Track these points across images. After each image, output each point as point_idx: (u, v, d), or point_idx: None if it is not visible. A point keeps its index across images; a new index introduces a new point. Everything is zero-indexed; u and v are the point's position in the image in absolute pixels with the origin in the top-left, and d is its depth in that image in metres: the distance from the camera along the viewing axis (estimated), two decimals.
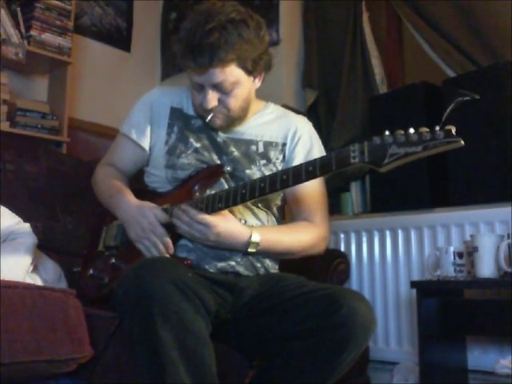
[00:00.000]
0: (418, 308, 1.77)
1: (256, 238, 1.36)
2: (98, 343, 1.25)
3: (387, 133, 1.15)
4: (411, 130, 1.12)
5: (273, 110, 1.57)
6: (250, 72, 1.39)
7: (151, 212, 1.37)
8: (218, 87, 1.36)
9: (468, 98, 1.23)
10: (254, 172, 1.45)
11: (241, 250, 1.37)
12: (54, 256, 1.68)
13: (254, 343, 1.37)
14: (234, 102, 1.41)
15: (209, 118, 1.42)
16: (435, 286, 1.81)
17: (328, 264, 1.98)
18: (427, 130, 1.11)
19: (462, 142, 1.08)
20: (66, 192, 1.93)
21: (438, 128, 1.10)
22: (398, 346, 2.21)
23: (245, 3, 1.41)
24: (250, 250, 1.37)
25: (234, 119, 1.46)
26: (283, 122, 1.55)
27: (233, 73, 1.35)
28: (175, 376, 1.09)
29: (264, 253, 1.41)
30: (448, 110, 1.16)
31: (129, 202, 1.43)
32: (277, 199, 1.51)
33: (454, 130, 1.09)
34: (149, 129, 1.52)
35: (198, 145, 1.48)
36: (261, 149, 1.50)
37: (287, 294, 1.33)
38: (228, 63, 1.33)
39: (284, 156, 1.51)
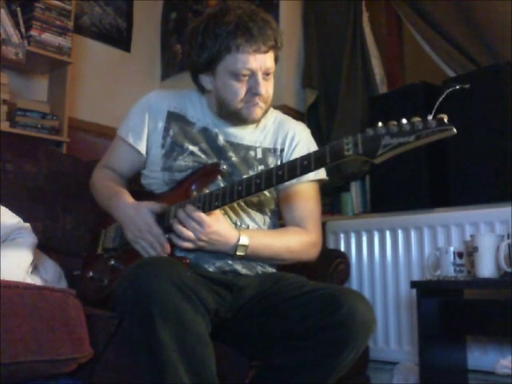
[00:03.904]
0: (417, 308, 1.77)
1: (244, 241, 1.36)
2: (98, 343, 1.25)
3: (380, 124, 1.15)
4: (404, 121, 1.13)
5: (272, 115, 1.57)
6: (276, 61, 1.45)
7: (148, 211, 1.37)
8: (264, 74, 1.40)
9: (458, 87, 1.24)
10: None
11: (229, 252, 1.37)
12: (53, 256, 1.69)
13: (254, 343, 1.37)
14: (271, 91, 1.45)
15: (250, 108, 1.42)
16: (435, 286, 1.81)
17: (328, 264, 1.97)
18: (419, 119, 1.12)
19: (455, 130, 1.09)
20: (66, 192, 1.93)
21: (430, 117, 1.11)
22: (398, 346, 2.21)
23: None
24: (238, 253, 1.36)
25: (267, 110, 1.48)
26: (282, 127, 1.55)
27: (272, 60, 1.42)
28: (175, 376, 1.09)
29: (252, 256, 1.41)
30: (440, 99, 1.16)
31: (126, 203, 1.43)
32: (271, 204, 1.51)
33: (446, 119, 1.09)
34: (146, 132, 1.52)
35: (194, 148, 1.48)
36: (259, 155, 1.50)
37: (287, 293, 1.33)
38: (272, 50, 1.40)
39: (282, 162, 1.51)
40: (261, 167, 1.47)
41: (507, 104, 2.04)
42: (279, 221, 1.58)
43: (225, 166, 1.45)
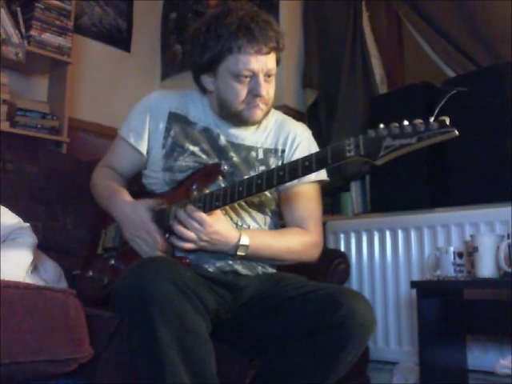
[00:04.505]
0: (418, 308, 1.77)
1: (245, 240, 1.36)
2: (98, 343, 1.25)
3: (382, 126, 1.15)
4: (405, 122, 1.13)
5: (273, 116, 1.57)
6: (277, 63, 1.45)
7: (144, 209, 1.37)
8: (266, 75, 1.40)
9: (455, 91, 1.24)
10: None
11: (229, 252, 1.37)
12: (54, 256, 1.68)
13: (254, 343, 1.37)
14: (272, 93, 1.45)
15: (251, 109, 1.42)
16: (435, 286, 1.81)
17: (328, 264, 1.97)
18: (421, 121, 1.12)
19: (456, 132, 1.09)
20: (66, 192, 1.93)
21: (432, 119, 1.11)
22: (398, 346, 2.21)
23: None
24: (238, 253, 1.36)
25: (268, 112, 1.48)
26: (283, 128, 1.55)
27: (274, 61, 1.42)
28: (175, 376, 1.09)
29: (253, 257, 1.40)
30: (440, 104, 1.16)
31: (124, 202, 1.43)
32: (272, 204, 1.51)
33: (447, 121, 1.09)
34: (147, 133, 1.52)
35: (195, 148, 1.48)
36: (260, 155, 1.50)
37: (287, 293, 1.33)
38: (274, 51, 1.41)
39: (283, 162, 1.51)
40: (262, 168, 1.47)
41: (507, 104, 2.04)
42: (280, 221, 1.58)
43: (226, 167, 1.45)
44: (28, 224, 1.53)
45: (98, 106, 3.00)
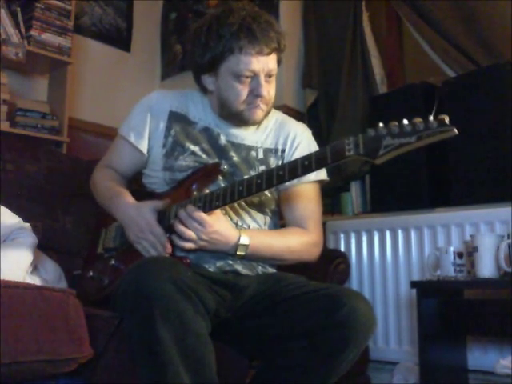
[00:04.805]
0: (418, 308, 1.77)
1: (245, 240, 1.36)
2: (98, 343, 1.25)
3: (381, 125, 1.15)
4: (405, 121, 1.13)
5: (273, 116, 1.57)
6: (278, 63, 1.45)
7: (149, 211, 1.37)
8: (267, 76, 1.40)
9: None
10: None
11: (229, 252, 1.37)
12: (54, 256, 1.68)
13: (254, 343, 1.37)
14: (273, 93, 1.45)
15: (252, 110, 1.42)
16: (435, 286, 1.81)
17: (328, 264, 1.97)
18: (421, 120, 1.12)
19: (456, 131, 1.08)
20: (65, 192, 1.92)
21: (431, 118, 1.10)
22: (398, 346, 2.21)
23: None
24: (238, 252, 1.36)
25: (268, 112, 1.48)
26: (283, 128, 1.55)
27: (275, 62, 1.42)
28: (175, 375, 1.09)
29: (253, 256, 1.40)
30: (437, 102, 1.16)
31: (128, 204, 1.43)
32: (271, 204, 1.51)
33: (447, 119, 1.09)
34: (147, 132, 1.52)
35: (195, 148, 1.48)
36: (260, 155, 1.50)
37: (287, 293, 1.33)
38: (275, 52, 1.41)
39: (283, 162, 1.51)
40: (262, 167, 1.47)
41: (507, 104, 2.04)
42: (280, 221, 1.58)
43: (225, 166, 1.45)
44: (28, 224, 1.53)
45: (98, 105, 3.00)
